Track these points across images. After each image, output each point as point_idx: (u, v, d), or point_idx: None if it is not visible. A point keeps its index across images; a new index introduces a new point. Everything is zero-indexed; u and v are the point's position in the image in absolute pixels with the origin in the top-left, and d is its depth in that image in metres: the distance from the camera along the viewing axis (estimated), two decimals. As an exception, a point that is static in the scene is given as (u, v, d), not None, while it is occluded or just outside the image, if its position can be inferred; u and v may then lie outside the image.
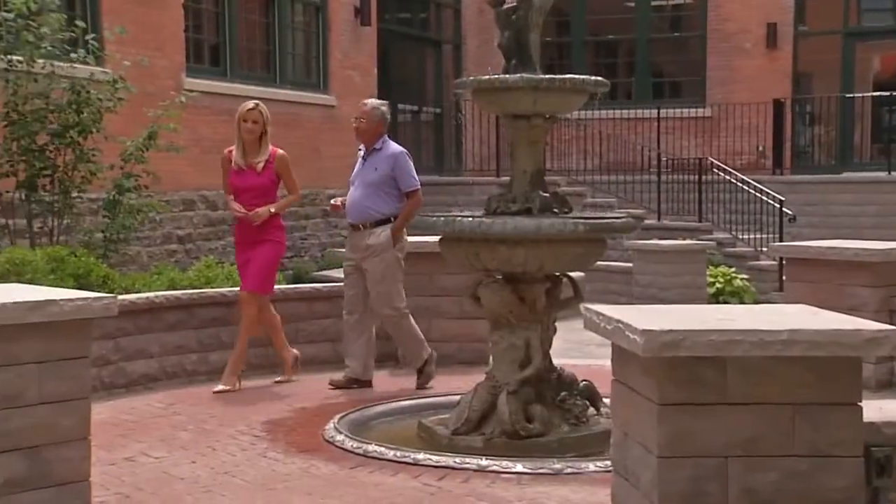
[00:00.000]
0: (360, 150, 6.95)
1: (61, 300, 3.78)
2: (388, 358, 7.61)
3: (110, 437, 5.31)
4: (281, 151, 6.74)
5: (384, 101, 7.00)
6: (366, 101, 7.04)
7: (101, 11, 10.12)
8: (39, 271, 6.29)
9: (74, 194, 7.96)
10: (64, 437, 3.82)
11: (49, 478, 3.78)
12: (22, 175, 7.69)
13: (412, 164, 6.83)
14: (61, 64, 7.84)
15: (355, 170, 6.91)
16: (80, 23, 8.47)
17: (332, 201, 6.98)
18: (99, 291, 5.54)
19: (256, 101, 6.73)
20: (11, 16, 7.65)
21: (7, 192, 7.80)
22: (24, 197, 7.76)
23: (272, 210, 6.61)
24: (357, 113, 6.86)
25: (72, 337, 3.84)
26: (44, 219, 7.87)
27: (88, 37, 8.28)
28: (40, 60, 7.72)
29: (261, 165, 6.62)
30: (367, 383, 6.80)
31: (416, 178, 6.81)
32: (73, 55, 7.97)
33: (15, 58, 7.66)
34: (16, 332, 3.67)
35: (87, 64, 8.09)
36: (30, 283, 5.65)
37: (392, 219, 6.68)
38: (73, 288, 5.99)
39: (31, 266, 6.30)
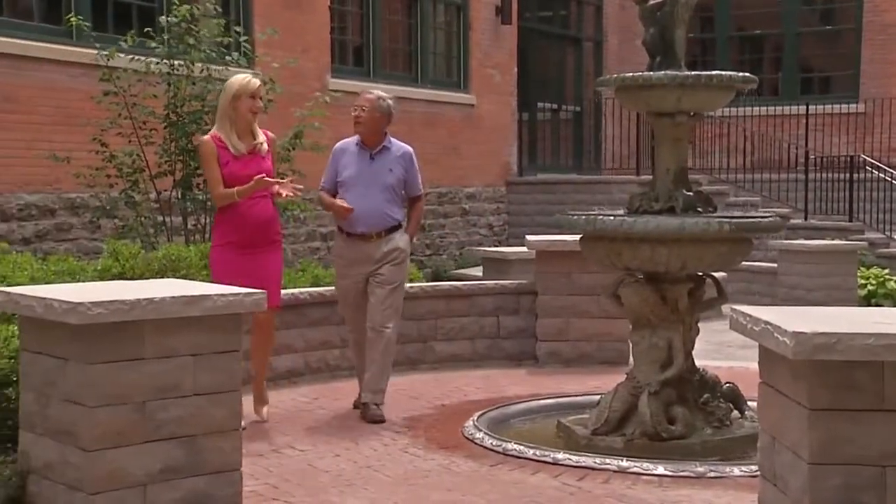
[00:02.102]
0: (356, 145, 5.88)
1: (215, 295, 3.91)
2: (527, 357, 7.61)
3: (258, 429, 5.46)
4: (272, 133, 5.79)
5: (390, 95, 6.03)
6: (370, 90, 6.11)
7: (253, 15, 10.49)
8: (193, 267, 6.51)
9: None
10: (217, 428, 3.96)
11: (203, 466, 3.92)
12: (178, 174, 8.00)
13: None
14: (217, 67, 8.12)
15: (354, 169, 5.82)
16: (237, 27, 8.76)
17: (340, 202, 5.76)
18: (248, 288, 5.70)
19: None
20: (176, 20, 7.98)
21: (165, 190, 8.12)
22: (179, 195, 8.07)
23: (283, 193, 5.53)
24: (358, 101, 5.88)
25: (224, 331, 3.98)
26: (197, 216, 8.15)
27: (241, 39, 8.55)
28: (199, 64, 8.02)
29: (265, 148, 5.59)
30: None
31: None
32: (227, 58, 8.24)
33: (176, 62, 7.98)
34: (174, 325, 3.82)
35: (240, 66, 8.35)
36: (184, 279, 5.87)
37: (401, 224, 5.93)
38: (224, 283, 6.17)
39: (185, 262, 6.53)
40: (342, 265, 5.90)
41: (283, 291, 6.16)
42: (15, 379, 4.43)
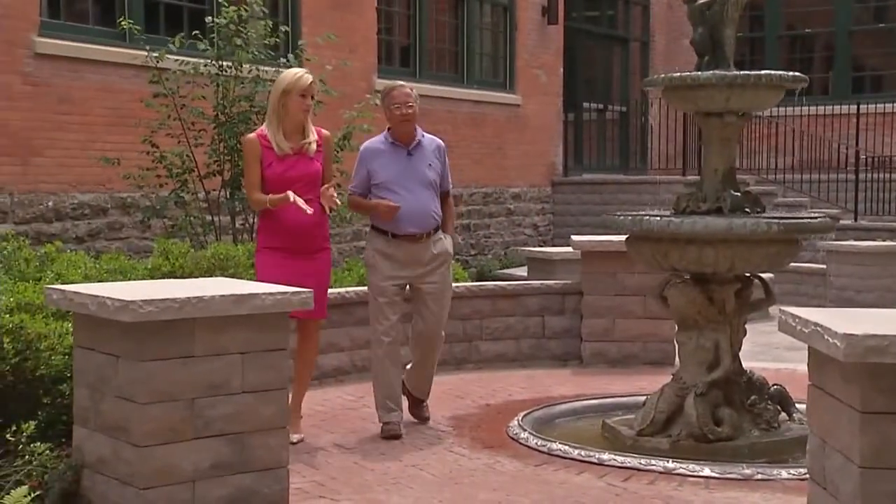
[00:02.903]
0: (387, 142, 5.51)
1: (263, 294, 3.94)
2: (572, 357, 7.58)
3: (304, 427, 5.48)
4: (326, 132, 5.41)
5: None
6: (402, 83, 5.68)
7: (301, 17, 10.56)
8: (241, 266, 6.55)
9: (273, 192, 8.29)
10: (265, 425, 3.98)
11: (251, 463, 3.95)
12: (227, 174, 8.06)
13: None
14: (266, 68, 8.17)
15: (394, 168, 5.45)
16: (284, 28, 8.81)
17: (385, 202, 5.38)
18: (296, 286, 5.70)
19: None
20: (224, 22, 8.04)
21: (213, 190, 8.19)
22: (228, 195, 8.13)
23: (335, 196, 5.17)
24: (398, 99, 5.43)
25: (272, 329, 4.01)
26: (245, 216, 8.22)
27: (300, 42, 8.58)
28: (247, 66, 8.08)
29: (313, 148, 5.21)
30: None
31: None
32: (281, 60, 8.27)
33: (224, 63, 8.04)
34: (222, 323, 3.85)
35: (291, 68, 8.39)
36: (233, 277, 5.92)
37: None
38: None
39: (233, 261, 6.57)
40: (388, 267, 5.44)
41: (329, 291, 6.03)
42: (69, 375, 4.49)
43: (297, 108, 5.14)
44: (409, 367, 5.79)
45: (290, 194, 4.99)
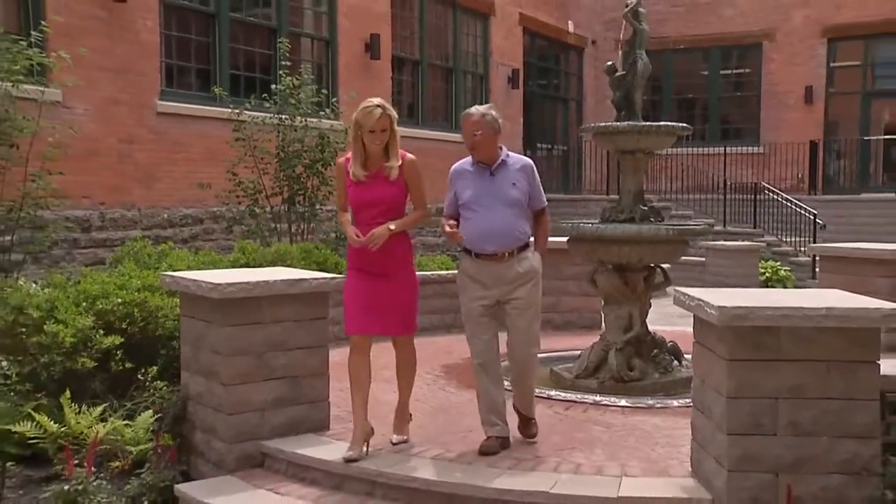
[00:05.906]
0: (473, 164, 4.02)
1: (310, 278, 3.94)
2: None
3: (340, 373, 5.38)
4: (411, 156, 3.89)
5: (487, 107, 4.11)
6: (469, 110, 4.04)
7: (339, 82, 10.55)
8: (295, 259, 6.52)
9: (318, 207, 8.26)
10: (312, 372, 3.99)
11: (303, 398, 3.95)
12: (286, 194, 8.04)
13: None
14: (313, 119, 8.15)
15: (476, 188, 3.92)
16: (324, 91, 8.80)
17: (447, 228, 3.81)
18: (333, 273, 5.68)
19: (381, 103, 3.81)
20: (283, 87, 8.04)
21: (276, 206, 8.17)
22: (286, 209, 8.11)
23: (392, 228, 3.75)
24: (466, 127, 3.97)
25: (316, 304, 4.01)
26: (298, 224, 8.19)
27: (333, 100, 8.56)
28: (299, 118, 8.06)
29: (395, 173, 3.82)
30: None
31: None
32: (321, 113, 8.27)
33: (283, 116, 8.03)
34: (282, 300, 3.85)
35: (329, 119, 8.38)
36: (289, 267, 5.90)
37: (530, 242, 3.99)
38: (316, 271, 6.17)
39: (290, 255, 6.55)
40: (474, 289, 3.93)
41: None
42: (177, 335, 4.49)
43: (367, 141, 3.79)
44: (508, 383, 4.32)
45: (352, 234, 3.79)
